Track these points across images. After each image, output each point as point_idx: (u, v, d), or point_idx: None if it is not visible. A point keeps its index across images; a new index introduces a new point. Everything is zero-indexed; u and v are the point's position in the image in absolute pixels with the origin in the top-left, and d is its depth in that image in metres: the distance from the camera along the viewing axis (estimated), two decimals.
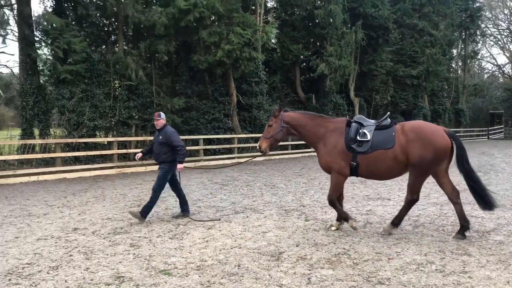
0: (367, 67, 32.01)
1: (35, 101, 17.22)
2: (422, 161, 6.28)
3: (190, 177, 14.57)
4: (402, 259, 5.54)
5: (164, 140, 7.93)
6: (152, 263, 5.51)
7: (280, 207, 9.15)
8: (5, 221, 8.16)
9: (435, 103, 41.59)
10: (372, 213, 8.43)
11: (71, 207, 9.51)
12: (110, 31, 21.52)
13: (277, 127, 7.04)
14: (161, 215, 8.52)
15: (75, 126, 17.41)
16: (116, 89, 19.15)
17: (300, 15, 27.36)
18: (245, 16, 20.02)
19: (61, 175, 14.80)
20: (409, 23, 33.81)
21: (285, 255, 5.79)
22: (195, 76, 21.55)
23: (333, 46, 26.83)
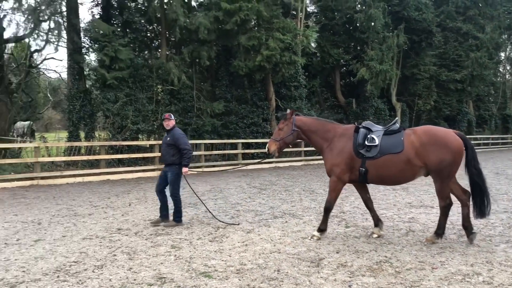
0: (410, 71, 31.36)
1: (81, 105, 17.86)
2: (442, 163, 6.27)
3: (228, 181, 14.69)
4: (447, 269, 5.37)
5: (172, 141, 7.84)
6: (193, 265, 5.59)
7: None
8: (53, 220, 8.49)
9: (480, 108, 40.24)
10: (414, 221, 8.22)
11: (114, 208, 9.79)
12: (153, 37, 22.08)
13: (288, 130, 7.01)
14: (201, 217, 8.62)
15: (118, 129, 17.93)
16: (159, 93, 19.59)
17: (341, 19, 27.16)
18: (285, 22, 20.08)
19: (105, 177, 15.26)
20: (452, 26, 32.90)
21: (325, 261, 5.73)
22: (235, 80, 21.76)
23: (374, 50, 26.44)
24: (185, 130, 19.95)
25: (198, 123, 19.84)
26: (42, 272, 5.35)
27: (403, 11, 28.76)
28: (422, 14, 29.15)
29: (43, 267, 5.57)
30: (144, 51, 21.58)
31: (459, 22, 33.19)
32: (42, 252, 6.23)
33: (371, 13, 25.41)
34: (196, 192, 12.01)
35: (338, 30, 28.01)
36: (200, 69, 21.78)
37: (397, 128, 6.64)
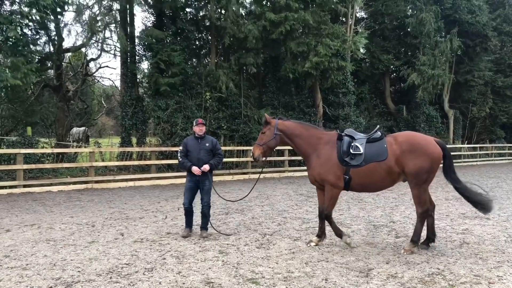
0: (463, 77, 30.26)
1: (134, 112, 18.48)
2: (420, 170, 6.35)
3: (275, 188, 14.69)
4: (505, 284, 5.11)
5: (211, 147, 7.61)
6: (240, 271, 5.62)
7: (369, 222, 8.89)
8: (106, 223, 8.80)
9: None
10: (469, 233, 7.88)
11: (164, 212, 10.02)
12: (202, 45, 22.54)
13: (270, 134, 6.95)
14: (248, 224, 8.66)
15: (168, 135, 18.39)
16: (207, 100, 19.94)
17: (391, 24, 26.69)
18: (333, 28, 19.92)
19: (155, 182, 15.66)
20: (509, 30, 31.44)
21: (375, 272, 5.60)
22: (282, 87, 21.80)
23: (426, 55, 25.72)
24: (233, 136, 20.20)
25: (245, 130, 20.00)
26: (96, 273, 5.56)
27: (455, 14, 27.83)
28: (475, 17, 28.08)
29: (97, 268, 5.77)
30: (193, 58, 22.06)
31: None
32: (96, 253, 6.47)
33: (423, 17, 24.79)
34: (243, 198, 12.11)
35: (388, 35, 27.50)
36: (247, 77, 22.02)
37: (379, 136, 6.65)
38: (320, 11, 19.48)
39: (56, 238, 7.39)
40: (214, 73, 19.01)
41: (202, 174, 7.44)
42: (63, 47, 19.90)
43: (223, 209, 10.42)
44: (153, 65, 18.13)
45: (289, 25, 17.90)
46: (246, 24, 17.82)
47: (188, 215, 7.59)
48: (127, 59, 18.76)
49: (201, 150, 7.49)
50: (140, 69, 20.51)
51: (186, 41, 20.05)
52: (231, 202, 11.19)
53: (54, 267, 5.79)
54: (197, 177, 7.46)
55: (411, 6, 26.90)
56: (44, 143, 18.35)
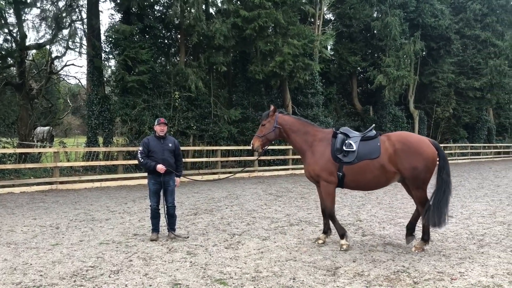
0: (428, 79, 31.06)
1: (100, 111, 18.09)
2: (415, 171, 6.42)
3: (245, 188, 14.69)
4: (466, 280, 5.27)
5: (174, 148, 7.44)
6: (208, 272, 5.58)
7: None
8: (70, 224, 8.58)
9: (501, 116, 39.59)
10: (432, 230, 8.05)
11: (131, 213, 9.85)
12: (171, 43, 22.29)
13: (269, 127, 7.04)
14: (216, 224, 8.62)
15: (136, 135, 18.09)
16: (176, 99, 19.73)
17: (358, 27, 27.11)
18: (300, 28, 20.08)
19: (122, 182, 15.39)
20: (471, 34, 32.50)
21: (342, 270, 5.67)
22: (252, 87, 21.81)
23: (391, 57, 26.26)
24: (202, 136, 20.06)
25: (214, 130, 19.91)
26: (59, 276, 5.41)
27: (419, 18, 28.53)
28: (438, 21, 28.87)
29: (60, 271, 5.62)
30: (161, 57, 21.80)
31: (477, 29, 32.78)
32: (60, 256, 6.30)
33: (388, 21, 25.31)
34: (213, 198, 12.06)
35: (356, 38, 27.95)
36: (217, 76, 21.89)
37: (373, 134, 6.75)
38: (291, 11, 19.60)
39: (18, 241, 7.15)
40: (183, 72, 18.82)
41: (167, 174, 7.31)
42: (26, 43, 19.28)
43: (192, 209, 10.34)
44: (120, 63, 17.78)
45: (261, 21, 17.93)
46: (215, 23, 17.72)
47: (155, 218, 7.45)
48: (93, 56, 18.33)
49: (164, 151, 7.31)
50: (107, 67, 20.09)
51: (154, 39, 19.77)
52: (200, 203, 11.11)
53: (14, 271, 5.60)
54: (161, 178, 7.30)
55: (376, 9, 27.42)
56: (6, 142, 17.74)
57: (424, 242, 6.71)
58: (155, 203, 7.36)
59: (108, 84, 20.25)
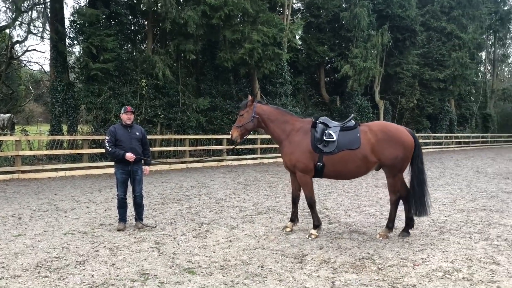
0: (393, 70, 31.67)
1: (64, 98, 17.62)
2: (395, 160, 6.55)
3: (213, 176, 14.67)
4: (428, 266, 5.46)
5: (141, 136, 7.35)
6: (177, 261, 5.57)
7: (303, 209, 9.10)
8: (34, 215, 8.37)
9: (462, 107, 40.87)
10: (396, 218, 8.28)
11: (97, 203, 9.69)
12: (138, 30, 21.85)
13: (248, 117, 7.03)
14: (184, 213, 8.59)
15: (102, 123, 17.73)
16: (143, 87, 19.42)
17: (326, 17, 27.28)
18: (269, 16, 20.02)
19: (88, 171, 15.09)
20: (437, 26, 33.28)
21: (309, 257, 5.77)
22: (220, 76, 21.69)
23: (359, 48, 26.61)
24: (170, 125, 19.85)
25: (183, 119, 19.73)
26: (22, 268, 5.28)
27: (387, 9, 29.00)
28: (405, 11, 29.42)
29: (23, 262, 5.49)
30: (128, 44, 21.35)
31: (443, 21, 33.59)
32: (23, 247, 6.15)
33: (356, 12, 25.58)
34: (181, 187, 12.00)
35: (324, 28, 28.15)
36: (185, 64, 21.65)
37: (353, 125, 6.80)
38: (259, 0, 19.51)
39: None
40: (150, 59, 18.51)
41: (135, 163, 7.22)
42: None
43: (160, 199, 10.26)
44: (84, 50, 17.32)
45: (227, 9, 17.75)
46: (186, 10, 17.45)
47: (123, 207, 7.34)
48: (57, 42, 17.76)
49: (132, 140, 7.20)
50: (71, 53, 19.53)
51: (121, 25, 19.34)
52: (168, 192, 11.04)
53: None
54: (129, 167, 7.20)
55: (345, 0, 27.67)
56: None
57: (389, 230, 6.90)
58: (122, 192, 7.26)
59: (73, 70, 19.70)
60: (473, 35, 34.14)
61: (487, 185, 13.08)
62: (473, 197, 10.84)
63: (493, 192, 11.73)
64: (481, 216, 8.55)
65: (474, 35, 34.28)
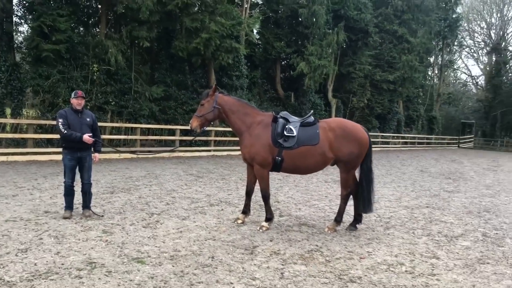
0: (346, 69, 32.37)
1: (9, 79, 16.72)
2: (351, 156, 6.73)
3: (165, 167, 14.46)
4: (373, 259, 5.65)
5: (91, 122, 7.09)
6: (125, 251, 5.46)
7: (255, 202, 9.14)
8: None
9: (409, 109, 42.40)
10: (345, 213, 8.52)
11: (42, 190, 9.32)
12: (91, 13, 21.10)
13: (209, 107, 6.95)
14: (134, 203, 8.42)
15: (49, 107, 17.01)
16: (95, 73, 18.79)
17: (285, 13, 27.42)
18: (228, 7, 19.90)
19: (32, 157, 14.45)
20: (389, 28, 34.30)
21: (259, 249, 5.82)
22: (175, 65, 21.36)
23: (315, 45, 26.99)
24: (121, 112, 19.34)
25: (135, 107, 19.28)
26: None
27: (343, 10, 29.59)
28: (360, 14, 30.15)
29: None
30: (80, 27, 20.58)
31: (395, 25, 34.64)
32: None
33: (315, 9, 25.89)
34: (131, 177, 11.75)
35: (282, 23, 28.30)
36: (140, 51, 21.13)
37: (312, 121, 6.90)
38: None
39: None
40: (102, 44, 17.92)
41: (84, 150, 6.99)
42: None
43: (108, 188, 10.00)
44: (35, 29, 16.51)
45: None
46: None
47: (70, 195, 7.08)
48: (3, 20, 16.82)
49: (82, 125, 6.93)
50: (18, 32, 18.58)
51: (74, 6, 18.56)
52: (117, 181, 10.78)
53: None
54: (78, 154, 6.97)
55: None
56: None
57: (337, 223, 7.08)
58: (69, 179, 7.00)
59: (19, 51, 18.75)
60: (422, 40, 35.45)
61: (430, 184, 13.69)
62: (417, 195, 11.31)
63: (436, 191, 12.30)
64: (424, 213, 8.94)
65: (423, 39, 35.60)
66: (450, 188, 13.06)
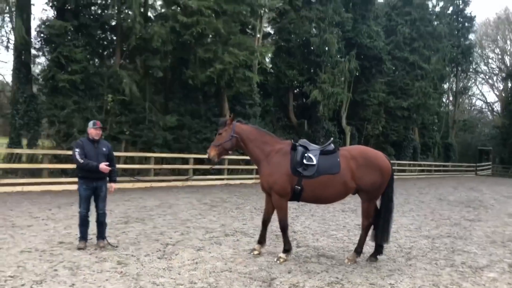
0: (360, 97, 32.35)
1: (26, 110, 16.97)
2: (374, 185, 6.58)
3: (178, 197, 14.37)
4: None
5: (107, 152, 7.11)
6: (140, 283, 5.32)
7: (271, 232, 8.96)
8: None
9: (425, 136, 41.99)
10: None
11: (56, 220, 9.26)
12: (106, 45, 21.50)
13: (226, 136, 6.83)
14: (149, 233, 8.30)
15: (64, 137, 17.15)
16: (109, 103, 18.99)
17: (297, 42, 27.69)
18: (241, 38, 20.15)
19: (47, 187, 14.47)
20: (400, 56, 34.38)
21: (277, 281, 5.64)
22: (189, 94, 21.52)
23: (327, 73, 27.09)
24: (135, 142, 19.42)
25: (149, 136, 19.34)
26: None
27: (356, 38, 29.79)
28: (373, 42, 30.31)
29: None
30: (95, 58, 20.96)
31: (406, 52, 34.73)
32: None
33: (326, 38, 26.12)
34: (145, 207, 11.67)
35: (294, 52, 28.54)
36: (153, 81, 21.37)
37: (332, 148, 6.75)
38: (231, 21, 19.63)
39: None
40: (117, 74, 18.18)
41: (100, 180, 6.96)
42: None
43: (122, 217, 9.91)
44: (52, 60, 16.85)
45: (200, 28, 17.75)
46: (153, 26, 17.30)
47: (85, 225, 7.01)
48: (22, 52, 17.21)
49: (99, 155, 6.93)
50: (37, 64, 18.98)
51: (89, 38, 18.91)
52: (131, 211, 10.69)
53: None
54: (94, 184, 6.94)
55: (315, 26, 28.20)
56: None
57: (357, 255, 6.86)
58: (85, 209, 6.94)
59: (36, 82, 19.10)
60: (436, 66, 35.43)
61: (450, 213, 13.35)
62: (437, 224, 11.01)
63: (456, 219, 11.97)
64: (445, 243, 8.66)
65: (437, 66, 35.58)
66: (470, 216, 12.72)
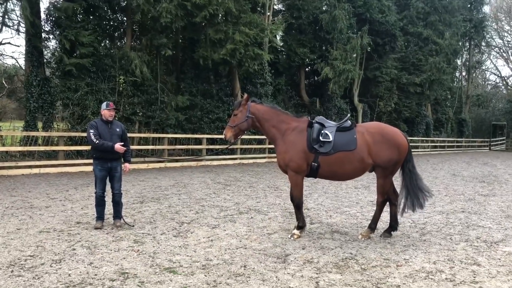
0: (372, 73, 31.98)
1: (40, 93, 17.13)
2: (390, 162, 6.54)
3: (193, 176, 14.49)
4: (411, 267, 5.45)
5: (121, 132, 7.16)
6: (157, 260, 5.42)
7: (285, 209, 9.06)
8: (6, 212, 8.08)
9: (438, 112, 41.52)
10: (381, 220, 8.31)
11: (73, 201, 9.43)
12: (117, 26, 21.46)
13: (242, 116, 6.80)
14: (164, 212, 8.42)
15: (78, 120, 17.33)
16: (121, 84, 19.06)
17: (307, 19, 27.32)
18: (252, 17, 19.95)
19: (63, 169, 14.71)
20: (414, 31, 33.73)
21: (292, 257, 5.70)
22: (201, 74, 21.48)
23: (338, 50, 26.78)
24: (148, 123, 19.55)
25: (161, 117, 19.45)
26: None
27: (367, 13, 29.25)
28: (385, 17, 29.76)
29: None
30: (106, 40, 20.95)
31: (420, 27, 34.04)
32: None
33: (336, 14, 25.72)
34: (159, 187, 11.80)
35: (305, 29, 28.21)
36: (164, 62, 21.35)
37: (349, 125, 6.70)
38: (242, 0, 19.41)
39: None
40: (128, 55, 18.17)
41: (114, 160, 7.05)
42: None
43: (138, 197, 10.05)
44: (60, 44, 16.90)
45: (212, 9, 17.59)
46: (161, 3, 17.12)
47: (101, 205, 7.12)
48: (32, 35, 17.25)
49: (113, 136, 7.00)
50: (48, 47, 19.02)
51: (99, 20, 18.89)
52: (146, 191, 10.83)
53: None
54: (109, 164, 7.03)
55: (325, 2, 27.77)
56: None
57: (371, 231, 6.89)
58: (101, 190, 7.05)
59: (49, 65, 19.20)
60: (450, 41, 34.74)
61: (464, 188, 13.28)
62: (451, 200, 10.97)
63: (470, 195, 11.91)
64: (460, 218, 8.64)
65: (451, 41, 34.88)
66: (485, 191, 12.64)
